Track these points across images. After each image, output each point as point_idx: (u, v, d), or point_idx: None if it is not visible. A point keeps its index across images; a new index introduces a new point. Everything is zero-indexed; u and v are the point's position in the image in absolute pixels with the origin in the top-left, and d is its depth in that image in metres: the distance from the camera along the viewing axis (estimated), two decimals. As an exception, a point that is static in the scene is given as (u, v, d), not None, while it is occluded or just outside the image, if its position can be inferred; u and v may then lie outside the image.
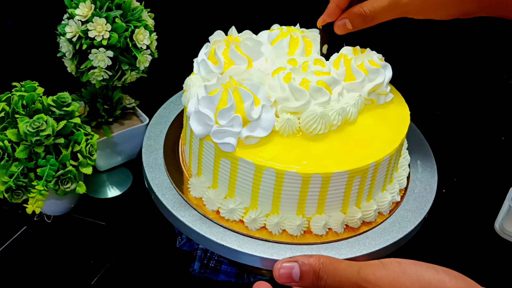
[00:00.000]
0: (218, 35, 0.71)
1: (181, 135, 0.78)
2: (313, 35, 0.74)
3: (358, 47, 0.72)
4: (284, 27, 0.76)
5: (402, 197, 0.72)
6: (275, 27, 0.77)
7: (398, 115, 0.71)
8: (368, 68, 0.69)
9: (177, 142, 0.77)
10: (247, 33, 0.73)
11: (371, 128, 0.68)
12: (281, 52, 0.72)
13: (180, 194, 0.69)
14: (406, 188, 0.73)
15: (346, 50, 0.71)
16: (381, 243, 0.66)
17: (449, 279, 0.45)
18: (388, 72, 0.71)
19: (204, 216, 0.67)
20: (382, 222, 0.68)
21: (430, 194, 0.73)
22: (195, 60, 0.72)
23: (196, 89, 0.68)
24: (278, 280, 0.52)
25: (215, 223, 0.66)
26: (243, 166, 0.63)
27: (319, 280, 0.49)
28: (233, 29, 0.73)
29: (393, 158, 0.68)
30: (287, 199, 0.64)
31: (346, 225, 0.67)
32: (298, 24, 0.77)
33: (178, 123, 0.79)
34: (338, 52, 0.71)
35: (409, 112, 0.72)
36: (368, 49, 0.72)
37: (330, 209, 0.65)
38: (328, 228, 0.66)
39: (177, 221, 0.67)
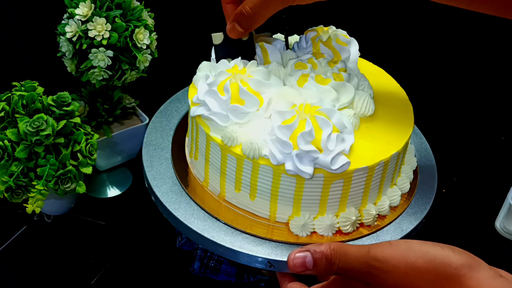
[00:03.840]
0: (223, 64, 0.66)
1: (192, 154, 0.72)
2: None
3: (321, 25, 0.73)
4: None
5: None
6: None
7: (396, 96, 0.73)
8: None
9: (178, 141, 0.77)
10: (254, 64, 0.67)
11: (382, 111, 0.69)
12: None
13: (185, 191, 0.69)
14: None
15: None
16: (413, 222, 0.67)
17: (453, 254, 0.46)
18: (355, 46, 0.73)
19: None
20: (408, 206, 0.70)
21: (433, 170, 0.75)
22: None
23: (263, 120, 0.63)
24: (292, 270, 0.53)
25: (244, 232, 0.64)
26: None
27: (331, 265, 0.51)
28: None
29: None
30: (351, 195, 0.64)
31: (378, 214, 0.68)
32: None
33: (178, 122, 0.79)
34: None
35: (406, 95, 0.73)
36: (331, 26, 0.74)
37: (371, 199, 0.66)
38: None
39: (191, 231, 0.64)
